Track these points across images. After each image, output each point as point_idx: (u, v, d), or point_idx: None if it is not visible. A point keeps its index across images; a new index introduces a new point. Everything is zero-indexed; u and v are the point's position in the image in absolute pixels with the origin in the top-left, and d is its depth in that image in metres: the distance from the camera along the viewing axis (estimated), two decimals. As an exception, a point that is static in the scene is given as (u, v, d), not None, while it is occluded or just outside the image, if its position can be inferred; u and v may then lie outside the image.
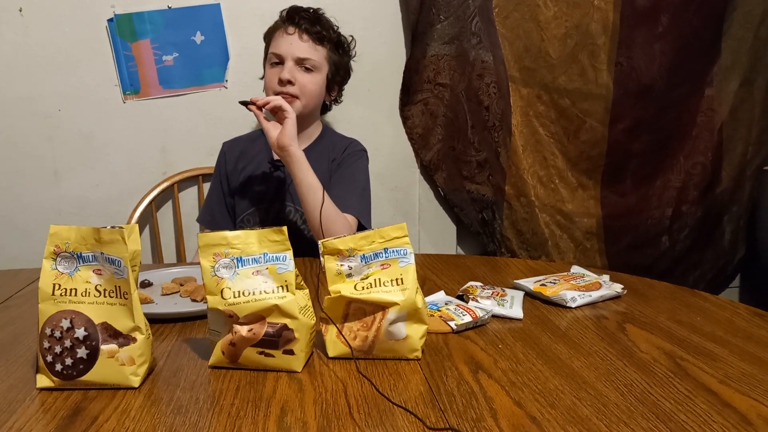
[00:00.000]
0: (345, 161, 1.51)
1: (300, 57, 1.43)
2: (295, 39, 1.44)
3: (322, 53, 1.46)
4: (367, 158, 1.56)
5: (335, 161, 1.52)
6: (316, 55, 1.45)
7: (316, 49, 1.45)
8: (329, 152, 1.53)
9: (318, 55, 1.45)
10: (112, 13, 1.70)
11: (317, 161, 1.49)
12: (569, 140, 1.80)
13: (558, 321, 0.97)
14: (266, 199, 1.52)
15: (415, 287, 0.81)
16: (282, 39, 1.45)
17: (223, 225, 1.55)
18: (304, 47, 1.44)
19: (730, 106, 1.85)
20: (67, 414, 0.69)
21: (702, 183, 1.89)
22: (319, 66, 1.46)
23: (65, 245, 0.76)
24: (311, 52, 1.44)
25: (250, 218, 1.53)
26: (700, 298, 1.07)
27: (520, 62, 1.76)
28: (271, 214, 1.51)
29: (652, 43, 1.74)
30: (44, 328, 0.75)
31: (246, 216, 1.53)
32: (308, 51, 1.44)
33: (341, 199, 1.40)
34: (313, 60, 1.44)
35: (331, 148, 1.54)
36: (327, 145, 1.55)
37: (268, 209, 1.52)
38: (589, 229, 1.85)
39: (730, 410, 0.68)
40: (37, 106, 1.72)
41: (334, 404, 0.70)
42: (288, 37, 1.44)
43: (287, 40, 1.44)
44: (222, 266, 0.79)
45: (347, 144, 1.56)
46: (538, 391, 0.73)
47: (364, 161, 1.55)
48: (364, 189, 1.50)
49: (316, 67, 1.45)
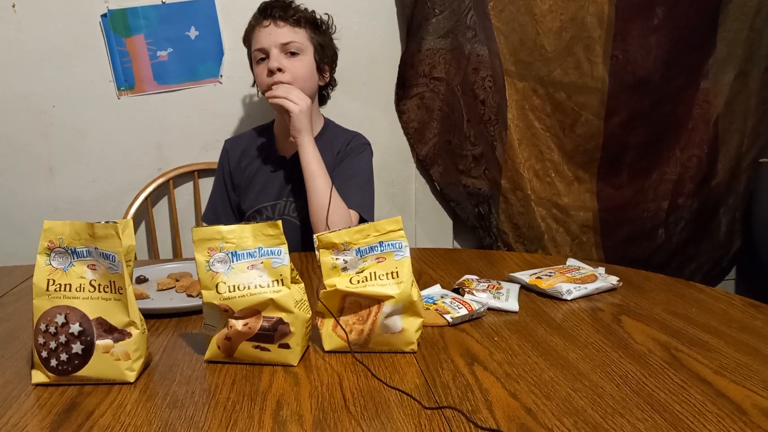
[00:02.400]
0: (349, 154, 1.51)
1: (282, 42, 1.41)
2: (273, 28, 1.42)
3: (303, 34, 1.45)
4: (371, 151, 1.55)
5: (339, 154, 1.51)
6: (298, 36, 1.43)
7: (295, 31, 1.43)
8: (332, 145, 1.52)
9: (300, 37, 1.44)
10: (105, 8, 1.69)
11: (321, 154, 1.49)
12: (565, 134, 1.80)
13: (553, 313, 0.97)
14: (272, 195, 1.51)
15: (410, 280, 0.81)
16: (260, 33, 1.44)
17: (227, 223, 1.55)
18: (284, 32, 1.42)
19: (726, 98, 1.85)
20: (63, 409, 0.69)
21: (698, 175, 1.89)
22: (304, 47, 1.44)
23: (59, 240, 0.75)
24: (292, 35, 1.43)
25: (256, 215, 1.52)
26: (695, 290, 1.07)
27: (516, 56, 1.75)
28: (277, 211, 1.51)
29: (648, 36, 1.74)
30: (39, 324, 0.75)
31: (252, 214, 1.52)
32: (289, 35, 1.42)
33: (343, 191, 1.40)
34: (297, 42, 1.43)
35: (335, 141, 1.53)
36: (330, 137, 1.54)
37: (274, 206, 1.51)
38: (586, 222, 1.85)
39: (724, 400, 0.68)
40: (31, 102, 1.71)
41: (330, 397, 0.70)
42: (265, 29, 1.43)
43: (266, 32, 1.42)
44: (217, 261, 0.79)
45: (351, 137, 1.55)
46: (533, 382, 0.73)
47: (368, 154, 1.54)
48: (367, 182, 1.50)
49: (301, 50, 1.43)
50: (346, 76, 1.77)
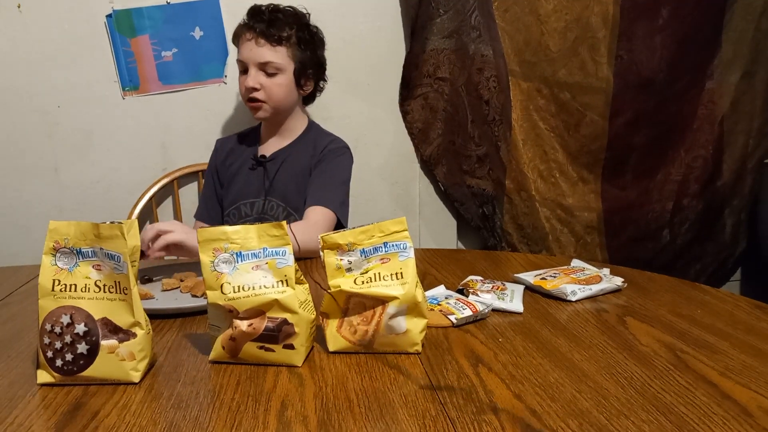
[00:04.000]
0: (325, 157, 1.51)
1: (260, 62, 1.43)
2: (253, 45, 1.44)
3: (283, 53, 1.45)
4: (350, 156, 1.55)
5: (314, 157, 1.52)
6: (277, 56, 1.44)
7: (276, 50, 1.44)
8: (312, 149, 1.53)
9: (278, 56, 1.44)
10: (110, 8, 1.69)
11: (298, 156, 1.51)
12: (569, 134, 1.80)
13: (558, 314, 0.97)
14: (250, 194, 1.53)
15: (414, 281, 0.81)
16: (243, 46, 1.46)
17: (216, 220, 1.57)
18: (263, 52, 1.43)
19: (731, 98, 1.85)
20: (68, 409, 0.69)
21: (703, 176, 1.88)
22: (283, 67, 1.45)
23: (65, 241, 0.75)
24: (271, 55, 1.43)
25: (234, 212, 1.54)
26: (700, 291, 1.07)
27: (520, 56, 1.75)
28: (255, 209, 1.53)
29: (653, 36, 1.73)
30: (44, 324, 0.75)
31: (231, 210, 1.55)
32: (267, 55, 1.43)
33: (319, 192, 1.41)
34: (275, 62, 1.44)
35: (314, 146, 1.54)
36: (312, 138, 1.56)
37: (253, 204, 1.53)
38: (590, 223, 1.85)
39: (730, 402, 0.68)
40: (36, 102, 1.72)
41: (335, 398, 0.70)
42: (248, 43, 1.45)
43: (247, 47, 1.45)
44: (221, 261, 0.79)
45: (328, 141, 1.55)
46: (538, 384, 0.73)
47: (346, 158, 1.54)
48: (343, 183, 1.50)
49: (279, 69, 1.44)
50: (351, 77, 1.77)
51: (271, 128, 1.56)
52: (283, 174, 1.51)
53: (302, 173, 1.50)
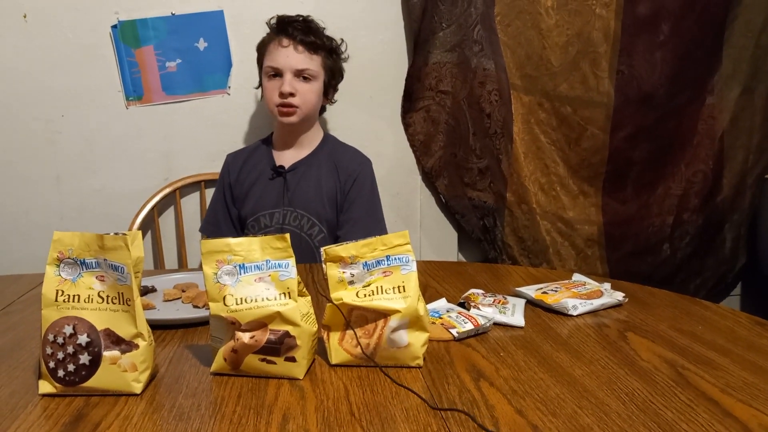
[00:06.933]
0: (359, 178, 1.56)
1: (298, 69, 1.47)
2: (291, 51, 1.47)
3: (318, 61, 1.50)
4: (372, 170, 1.61)
5: (346, 176, 1.55)
6: (313, 64, 1.49)
7: (312, 58, 1.49)
8: (334, 161, 1.57)
9: (314, 64, 1.50)
10: (115, 19, 1.70)
11: (321, 169, 1.53)
12: (570, 148, 1.81)
13: (559, 329, 0.97)
14: (269, 205, 1.54)
15: (416, 295, 0.81)
16: (277, 52, 1.48)
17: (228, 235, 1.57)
18: (301, 58, 1.48)
19: (731, 114, 1.86)
20: (69, 420, 0.69)
21: (703, 191, 1.89)
22: (317, 74, 1.51)
23: (69, 251, 0.76)
24: (308, 62, 1.48)
25: (254, 224, 1.55)
26: (701, 307, 1.07)
27: (522, 70, 1.76)
28: (275, 219, 1.53)
29: (653, 51, 1.74)
30: (47, 334, 0.75)
31: (251, 222, 1.55)
32: (305, 62, 1.48)
33: (363, 222, 1.50)
34: (311, 69, 1.49)
35: (336, 158, 1.58)
36: (331, 153, 1.59)
37: (272, 215, 1.53)
38: (590, 236, 1.85)
39: (731, 420, 0.68)
40: (40, 111, 1.72)
41: (336, 411, 0.70)
42: (283, 50, 1.48)
43: (283, 53, 1.47)
44: (224, 273, 0.79)
45: (354, 157, 1.60)
46: (539, 399, 0.73)
47: (372, 172, 1.60)
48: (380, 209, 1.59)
49: (314, 76, 1.50)
50: (353, 89, 1.78)
51: (289, 138, 1.58)
52: (303, 184, 1.53)
53: (324, 184, 1.54)
